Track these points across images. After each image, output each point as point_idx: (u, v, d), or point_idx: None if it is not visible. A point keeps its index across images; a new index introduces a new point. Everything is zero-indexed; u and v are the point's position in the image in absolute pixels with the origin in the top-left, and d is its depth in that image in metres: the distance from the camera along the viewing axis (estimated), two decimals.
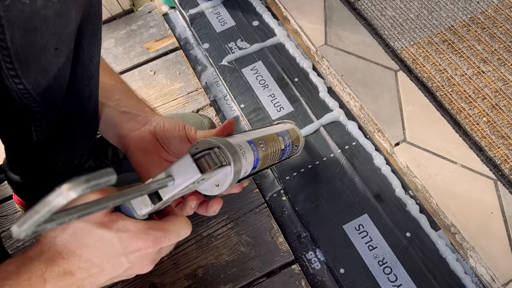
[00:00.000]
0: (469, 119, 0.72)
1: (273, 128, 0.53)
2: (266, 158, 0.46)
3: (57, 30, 0.38)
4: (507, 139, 0.69)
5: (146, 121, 0.49)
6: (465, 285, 0.62)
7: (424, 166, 0.69)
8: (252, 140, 0.44)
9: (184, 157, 0.34)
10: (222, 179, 0.38)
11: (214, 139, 0.38)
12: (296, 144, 0.56)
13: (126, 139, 0.49)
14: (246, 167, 0.41)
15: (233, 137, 0.43)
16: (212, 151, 0.36)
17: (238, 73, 0.85)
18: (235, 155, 0.38)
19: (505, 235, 0.63)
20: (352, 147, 0.75)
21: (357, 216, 0.69)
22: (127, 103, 0.51)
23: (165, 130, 0.48)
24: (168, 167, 0.35)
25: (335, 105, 0.79)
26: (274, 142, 0.48)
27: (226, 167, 0.37)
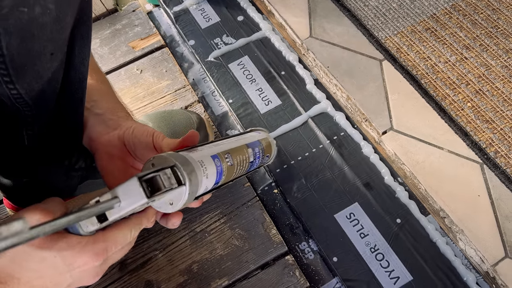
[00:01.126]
0: (454, 105, 0.73)
1: (243, 138, 0.51)
2: (231, 172, 0.45)
3: (54, 36, 0.38)
4: (492, 123, 0.71)
5: (116, 126, 0.49)
6: (455, 267, 0.63)
7: (411, 153, 0.70)
8: (217, 154, 0.43)
9: (131, 179, 0.34)
10: (176, 198, 0.37)
11: (173, 156, 0.37)
12: (268, 154, 0.55)
13: (95, 142, 0.49)
14: (206, 184, 0.40)
15: (197, 150, 0.42)
16: (163, 172, 0.35)
17: (225, 68, 0.86)
18: (192, 174, 0.37)
19: (493, 217, 0.64)
20: (340, 137, 0.76)
21: (348, 205, 0.70)
22: (102, 105, 0.51)
23: (133, 136, 0.47)
24: (116, 188, 0.34)
25: (322, 97, 0.80)
26: (242, 155, 0.47)
27: (179, 188, 0.36)
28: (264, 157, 0.53)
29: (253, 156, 0.49)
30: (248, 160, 0.48)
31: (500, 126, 0.70)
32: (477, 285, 0.62)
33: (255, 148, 0.50)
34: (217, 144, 0.45)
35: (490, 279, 0.62)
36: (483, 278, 0.63)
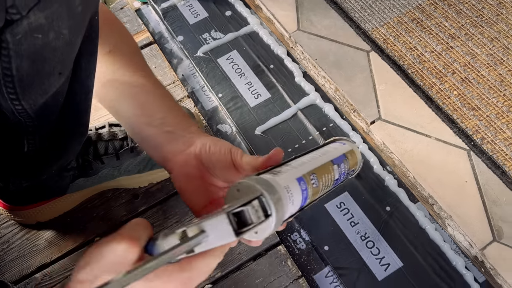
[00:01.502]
0: (440, 94, 0.74)
1: (329, 153, 0.47)
2: (316, 193, 0.42)
3: (65, 57, 0.39)
4: (478, 111, 0.72)
5: (191, 143, 0.46)
6: (444, 252, 0.64)
7: (399, 141, 0.71)
8: (302, 176, 0.40)
9: (221, 216, 0.33)
10: (262, 229, 0.36)
11: (259, 182, 0.35)
12: (353, 169, 0.50)
13: (170, 162, 0.47)
14: (291, 210, 0.38)
15: (281, 172, 0.39)
16: (251, 205, 0.34)
17: (214, 63, 0.86)
18: (278, 203, 0.35)
19: (480, 202, 0.65)
20: (329, 128, 0.77)
21: (338, 195, 0.70)
22: (171, 121, 0.48)
23: (210, 154, 0.45)
24: (204, 221, 0.33)
25: (311, 89, 0.80)
26: (328, 174, 0.44)
27: (266, 220, 0.35)
28: (349, 172, 0.49)
29: (338, 173, 0.45)
30: (334, 178, 0.45)
31: (486, 113, 0.71)
32: (466, 269, 0.63)
33: (341, 164, 0.47)
34: (302, 163, 0.42)
35: (479, 263, 0.63)
36: (472, 262, 0.64)
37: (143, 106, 0.49)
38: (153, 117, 0.49)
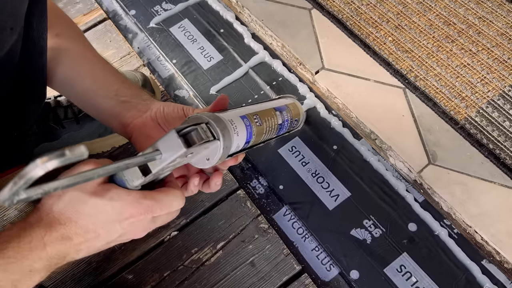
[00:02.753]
0: (377, 41, 0.80)
1: (271, 103, 0.53)
2: (261, 132, 0.46)
3: (14, 11, 0.41)
4: (410, 52, 0.78)
5: (146, 108, 0.51)
6: (387, 180, 0.70)
7: (342, 87, 0.77)
8: (245, 115, 0.44)
9: (170, 132, 0.36)
10: (212, 154, 0.39)
11: (205, 115, 0.39)
12: (296, 119, 0.56)
13: (129, 127, 0.50)
14: (238, 142, 0.42)
15: (226, 112, 0.44)
16: (199, 126, 0.37)
17: (167, 32, 0.90)
18: (225, 130, 0.39)
19: (416, 132, 0.72)
20: (279, 82, 0.82)
21: (289, 140, 0.76)
22: (125, 92, 0.53)
23: (165, 114, 0.50)
24: (155, 142, 0.36)
25: (260, 48, 0.85)
26: (271, 117, 0.49)
27: (214, 142, 0.38)
28: (293, 121, 0.55)
29: (281, 118, 0.51)
30: (277, 122, 0.50)
31: (418, 54, 0.78)
32: (407, 191, 0.69)
33: (283, 111, 0.52)
34: (246, 108, 0.47)
35: (418, 185, 0.69)
36: (411, 185, 0.70)
37: (98, 80, 0.53)
38: (108, 90, 0.53)
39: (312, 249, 0.68)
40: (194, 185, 0.47)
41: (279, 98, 0.58)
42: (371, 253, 0.65)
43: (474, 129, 0.70)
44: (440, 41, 0.78)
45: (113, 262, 0.69)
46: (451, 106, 0.72)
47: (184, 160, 0.38)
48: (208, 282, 0.66)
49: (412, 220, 0.67)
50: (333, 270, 0.66)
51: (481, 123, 0.70)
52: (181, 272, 0.67)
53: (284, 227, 0.70)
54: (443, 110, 0.72)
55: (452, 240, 0.65)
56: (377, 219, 0.68)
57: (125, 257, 0.69)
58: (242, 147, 0.44)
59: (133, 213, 0.38)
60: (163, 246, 0.69)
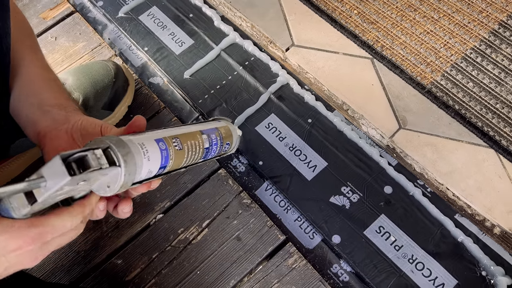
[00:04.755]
0: (343, 15, 0.82)
1: (198, 126, 0.50)
2: (181, 156, 0.43)
3: None
4: (376, 24, 0.80)
5: (65, 120, 0.48)
6: (361, 147, 0.73)
7: (312, 61, 0.79)
8: (162, 138, 0.42)
9: (55, 158, 0.33)
10: (113, 181, 0.36)
11: (109, 138, 0.36)
12: (228, 142, 0.54)
13: (43, 138, 0.48)
14: (149, 167, 0.39)
15: (140, 134, 0.41)
16: (91, 152, 0.34)
17: (136, 21, 0.90)
18: (127, 155, 0.36)
19: (386, 99, 0.74)
20: (251, 62, 0.83)
21: (265, 117, 0.77)
22: (51, 102, 0.50)
23: (81, 129, 0.47)
24: (41, 168, 0.33)
25: (230, 30, 0.86)
26: (195, 140, 0.46)
27: (112, 169, 0.35)
28: (223, 145, 0.52)
29: (208, 142, 0.48)
30: (202, 146, 0.47)
31: (383, 24, 0.80)
32: (380, 157, 0.72)
33: (211, 134, 0.49)
34: (166, 130, 0.44)
35: (391, 149, 0.72)
36: (385, 150, 0.73)
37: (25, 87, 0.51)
38: (35, 96, 0.50)
39: (295, 219, 0.71)
40: (100, 209, 0.43)
41: (212, 120, 0.55)
42: (350, 217, 0.68)
43: (440, 92, 0.73)
44: (403, 11, 0.81)
45: (101, 249, 0.70)
46: (417, 72, 0.75)
47: (77, 187, 0.35)
48: (197, 259, 0.68)
49: (387, 183, 0.70)
50: (316, 238, 0.69)
51: (447, 86, 0.73)
52: (169, 252, 0.69)
53: (267, 202, 0.72)
54: (410, 76, 0.75)
55: (426, 199, 0.68)
56: (354, 185, 0.70)
57: (113, 243, 0.70)
58: (157, 172, 0.41)
59: (20, 244, 0.34)
60: (150, 229, 0.70)
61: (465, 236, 0.65)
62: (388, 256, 0.65)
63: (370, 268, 0.64)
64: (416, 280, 0.63)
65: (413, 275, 0.63)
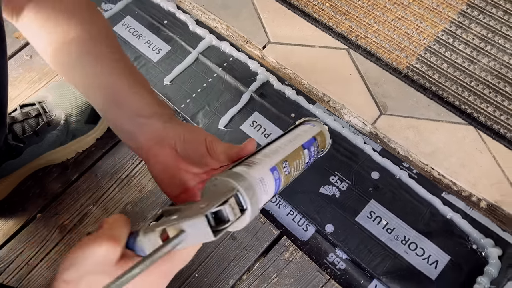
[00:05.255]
0: (315, 8, 0.83)
1: (299, 136, 0.48)
2: (287, 180, 0.43)
3: None
4: (348, 14, 0.82)
5: (164, 134, 0.46)
6: (345, 136, 0.74)
7: (290, 57, 0.80)
8: (275, 166, 0.41)
9: (200, 218, 0.33)
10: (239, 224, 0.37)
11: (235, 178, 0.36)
12: (322, 149, 0.52)
13: (146, 152, 0.47)
14: (265, 200, 0.39)
15: (256, 162, 0.40)
16: (228, 204, 0.34)
17: None
18: (253, 197, 0.36)
19: (364, 87, 0.76)
20: (230, 63, 0.84)
21: (249, 116, 0.78)
22: (145, 112, 0.48)
23: (185, 143, 0.46)
24: (183, 222, 0.33)
25: (206, 33, 0.87)
26: (299, 159, 0.45)
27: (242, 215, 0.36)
28: (319, 153, 0.50)
29: (308, 157, 0.47)
30: (304, 162, 0.46)
31: (356, 14, 0.82)
32: (365, 144, 0.73)
33: (311, 147, 0.48)
34: (274, 150, 0.43)
35: (374, 136, 0.73)
36: (368, 137, 0.74)
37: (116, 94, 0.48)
38: (125, 106, 0.48)
39: (287, 213, 0.72)
40: None
41: (306, 122, 0.52)
42: (341, 206, 0.69)
43: (417, 76, 0.75)
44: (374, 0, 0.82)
45: None
46: (392, 58, 0.77)
47: None
48: (194, 262, 0.68)
49: (374, 169, 0.71)
50: (310, 229, 0.70)
51: (422, 69, 0.75)
52: None
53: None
54: (386, 62, 0.77)
55: (413, 180, 0.69)
56: (342, 174, 0.71)
57: None
58: (268, 200, 0.42)
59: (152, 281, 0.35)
60: None
61: (453, 213, 0.66)
62: (381, 240, 0.66)
63: (365, 253, 0.66)
64: (411, 260, 0.64)
65: (407, 255, 0.65)
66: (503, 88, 0.72)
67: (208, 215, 0.33)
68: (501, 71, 0.73)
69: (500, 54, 0.75)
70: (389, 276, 0.64)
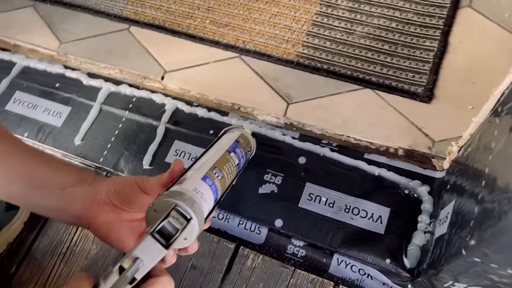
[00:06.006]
0: (197, 28, 0.87)
1: (223, 145, 0.51)
2: (224, 183, 0.46)
3: None
4: (230, 25, 0.86)
5: (94, 194, 0.46)
6: (265, 134, 0.77)
7: (190, 79, 0.82)
8: (206, 174, 0.43)
9: (146, 238, 0.35)
10: (189, 233, 0.38)
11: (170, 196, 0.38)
12: (249, 149, 0.56)
13: (83, 218, 0.46)
14: (208, 206, 0.41)
15: (187, 178, 0.42)
16: (170, 217, 0.36)
17: (5, 112, 0.86)
18: (194, 205, 0.38)
19: (266, 85, 0.80)
20: (134, 103, 0.84)
21: (170, 146, 0.79)
22: (67, 182, 0.47)
23: (118, 194, 0.46)
24: (134, 250, 0.35)
25: (101, 82, 0.86)
26: (228, 163, 0.48)
27: (188, 224, 0.37)
28: (247, 153, 0.54)
29: (237, 158, 0.51)
30: (235, 164, 0.49)
31: (237, 23, 0.86)
32: (284, 135, 0.77)
33: (236, 149, 0.51)
34: (202, 163, 0.46)
35: (289, 125, 0.78)
36: (285, 128, 0.78)
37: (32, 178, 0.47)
38: (46, 186, 0.47)
39: (238, 224, 0.73)
40: (170, 255, 0.44)
41: (226, 132, 0.56)
42: (282, 198, 0.72)
43: (307, 60, 0.80)
44: (248, 4, 0.87)
45: None
46: (281, 51, 0.82)
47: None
48: None
49: (299, 155, 0.75)
50: (262, 231, 0.72)
51: (310, 53, 0.81)
52: None
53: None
54: (277, 57, 0.81)
55: (335, 153, 0.74)
56: (274, 169, 0.75)
57: None
58: (212, 207, 0.44)
59: None
60: None
61: (379, 169, 0.72)
62: (327, 216, 0.70)
63: (318, 234, 0.69)
64: (358, 224, 0.69)
65: (354, 221, 0.69)
66: (382, 47, 0.79)
67: (154, 234, 0.36)
68: (375, 33, 0.81)
69: (370, 19, 0.83)
70: (346, 246, 0.67)
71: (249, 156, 0.57)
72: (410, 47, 0.78)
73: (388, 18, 0.82)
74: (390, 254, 0.65)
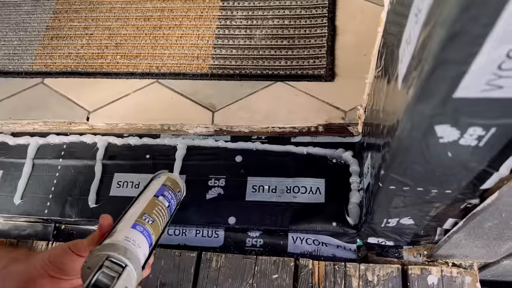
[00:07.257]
0: (110, 65, 0.90)
1: (150, 191, 0.53)
2: (157, 226, 0.47)
3: None
4: (140, 55, 0.91)
5: (28, 268, 0.46)
6: (199, 145, 0.82)
7: (114, 113, 0.85)
8: (135, 222, 0.44)
9: None
10: (127, 281, 0.38)
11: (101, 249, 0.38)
12: (178, 189, 0.57)
13: None
14: (143, 252, 0.42)
15: (117, 230, 0.42)
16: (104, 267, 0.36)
17: None
18: (127, 252, 0.39)
19: (188, 101, 0.85)
20: (66, 149, 0.85)
21: (111, 180, 0.81)
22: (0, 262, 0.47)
23: (52, 264, 0.46)
24: None
25: (28, 138, 0.86)
26: (157, 207, 0.49)
27: (125, 270, 0.37)
28: (177, 194, 0.56)
29: (166, 201, 0.52)
30: (165, 206, 0.51)
31: (146, 52, 0.91)
32: (216, 141, 0.82)
33: (164, 192, 0.53)
34: (131, 213, 0.47)
35: (220, 131, 0.83)
36: (216, 135, 0.84)
37: None
38: None
39: (195, 235, 0.77)
40: None
41: (153, 178, 0.59)
42: (229, 197, 0.77)
43: (220, 70, 0.87)
44: (152, 33, 0.93)
45: None
46: (194, 67, 0.88)
47: None
48: None
49: (234, 155, 0.81)
50: (220, 233, 0.77)
51: (220, 63, 0.88)
52: None
53: (163, 240, 0.76)
54: (192, 74, 0.87)
55: (266, 144, 0.81)
56: (215, 174, 0.80)
57: None
58: (149, 252, 0.45)
59: None
60: None
61: (306, 147, 0.80)
62: (273, 201, 0.76)
63: (269, 219, 0.75)
64: (301, 200, 0.75)
65: (297, 199, 0.76)
66: (281, 43, 0.88)
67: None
68: (273, 33, 0.90)
69: (265, 22, 0.92)
70: (295, 223, 0.74)
71: (180, 197, 0.60)
72: (305, 37, 0.88)
73: (281, 17, 0.91)
74: (334, 218, 0.73)
